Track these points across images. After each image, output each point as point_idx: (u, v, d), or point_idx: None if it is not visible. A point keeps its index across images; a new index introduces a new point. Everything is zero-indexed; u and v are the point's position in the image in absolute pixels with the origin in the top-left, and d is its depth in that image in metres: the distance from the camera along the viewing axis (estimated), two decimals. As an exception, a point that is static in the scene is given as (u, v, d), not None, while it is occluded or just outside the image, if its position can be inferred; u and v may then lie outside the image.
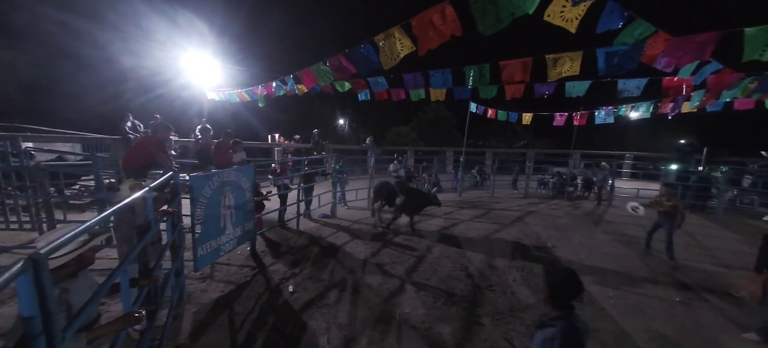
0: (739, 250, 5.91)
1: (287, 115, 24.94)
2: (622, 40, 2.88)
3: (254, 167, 5.01)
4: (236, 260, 4.84)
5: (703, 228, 7.46)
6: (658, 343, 3.24)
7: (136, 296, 2.25)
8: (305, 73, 4.97)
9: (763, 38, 2.61)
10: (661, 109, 6.52)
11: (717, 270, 5.08)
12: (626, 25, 2.78)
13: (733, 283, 4.54)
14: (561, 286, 1.58)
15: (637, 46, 2.98)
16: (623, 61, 3.24)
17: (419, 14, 3.00)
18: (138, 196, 2.17)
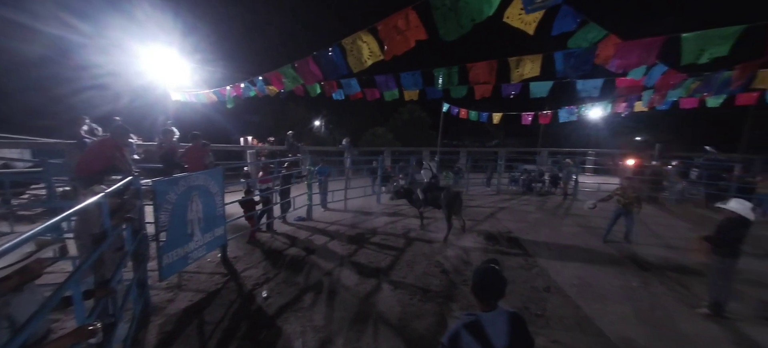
0: (688, 237, 6.43)
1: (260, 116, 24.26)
2: (576, 42, 3.08)
3: (223, 171, 4.84)
4: (206, 268, 4.66)
5: (656, 217, 8.07)
6: (619, 325, 3.47)
7: (92, 309, 2.11)
8: (273, 75, 4.87)
9: (697, 43, 2.90)
10: (616, 108, 7.00)
11: (669, 254, 5.50)
12: (579, 28, 2.98)
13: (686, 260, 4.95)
14: (478, 282, 1.58)
15: (590, 48, 3.20)
16: (579, 62, 3.47)
17: (384, 19, 3.04)
18: (91, 203, 2.03)
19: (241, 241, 5.68)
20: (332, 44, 3.62)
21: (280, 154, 11.17)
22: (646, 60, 3.17)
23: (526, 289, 4.24)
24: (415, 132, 28.22)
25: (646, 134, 15.27)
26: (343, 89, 6.33)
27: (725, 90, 5.00)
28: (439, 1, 2.62)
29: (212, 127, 17.88)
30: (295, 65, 4.33)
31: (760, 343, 3.19)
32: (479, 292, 1.57)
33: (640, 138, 12.81)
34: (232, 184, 9.94)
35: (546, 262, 5.07)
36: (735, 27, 2.78)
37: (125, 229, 2.96)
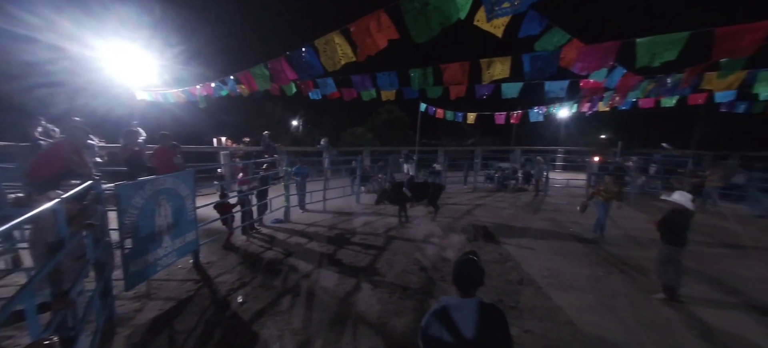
0: (648, 228, 6.91)
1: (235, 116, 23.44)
2: (542, 46, 3.25)
3: (195, 173, 4.66)
4: (177, 275, 4.47)
5: (618, 210, 8.58)
6: (586, 313, 3.67)
7: (49, 322, 1.98)
8: (245, 75, 4.74)
9: (650, 48, 3.14)
10: (581, 108, 7.41)
11: (630, 245, 5.88)
12: (545, 32, 3.14)
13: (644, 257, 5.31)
14: (457, 271, 1.67)
15: (555, 52, 3.38)
16: (545, 65, 3.65)
17: (357, 21, 3.06)
18: (45, 210, 1.90)
19: (215, 245, 5.49)
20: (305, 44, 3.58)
21: (255, 155, 10.88)
22: (606, 63, 3.40)
23: (500, 282, 4.40)
24: (394, 132, 28.38)
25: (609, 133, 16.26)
26: (319, 89, 6.26)
27: (677, 91, 5.43)
28: (410, 5, 2.67)
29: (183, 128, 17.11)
30: (267, 65, 4.24)
31: (710, 324, 3.48)
32: (458, 281, 1.65)
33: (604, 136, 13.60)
34: (205, 186, 9.62)
35: (519, 256, 5.27)
36: (682, 33, 3.03)
37: (86, 237, 2.78)
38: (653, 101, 6.97)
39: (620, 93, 4.75)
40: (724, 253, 5.59)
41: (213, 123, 20.63)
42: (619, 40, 3.21)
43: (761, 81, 4.55)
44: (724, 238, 6.38)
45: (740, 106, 6.94)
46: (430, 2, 2.56)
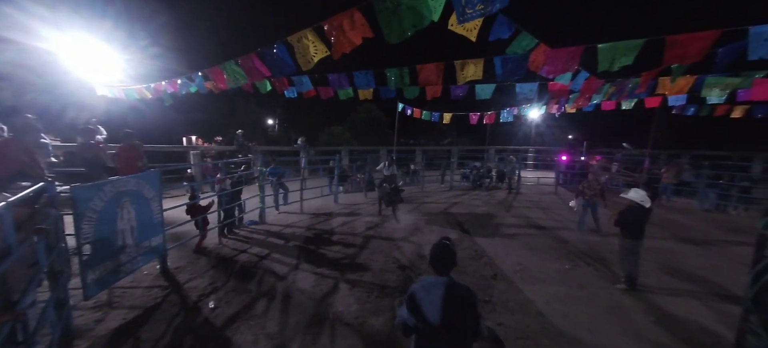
0: (607, 222, 7.35)
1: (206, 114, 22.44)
2: (512, 49, 3.38)
3: (161, 173, 4.43)
4: (143, 281, 4.23)
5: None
6: (555, 304, 3.85)
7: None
8: (215, 71, 4.56)
9: (610, 53, 3.36)
10: (550, 110, 7.77)
11: (594, 239, 6.24)
12: (514, 36, 3.27)
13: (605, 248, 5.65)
14: (433, 255, 1.91)
15: (524, 55, 3.54)
16: (515, 67, 3.81)
17: (330, 18, 3.03)
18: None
19: (184, 250, 5.24)
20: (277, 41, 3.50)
21: (228, 154, 10.51)
22: (571, 66, 3.60)
23: (475, 277, 4.52)
24: (373, 131, 28.37)
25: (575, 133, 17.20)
26: (295, 87, 6.14)
27: (635, 94, 5.84)
28: (383, 4, 2.68)
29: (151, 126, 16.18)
30: (238, 61, 4.10)
31: (666, 311, 3.77)
32: (434, 263, 1.90)
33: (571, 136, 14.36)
34: (174, 187, 9.16)
35: (493, 252, 5.44)
36: (637, 40, 3.27)
37: (37, 243, 2.57)
38: (614, 104, 7.45)
39: (584, 95, 5.05)
40: (677, 245, 6.06)
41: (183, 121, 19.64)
42: (582, 45, 3.41)
43: (708, 86, 4.99)
44: (677, 230, 6.92)
45: (690, 108, 7.55)
46: (403, 2, 2.58)
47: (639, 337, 3.29)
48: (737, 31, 2.95)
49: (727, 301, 3.98)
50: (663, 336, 3.33)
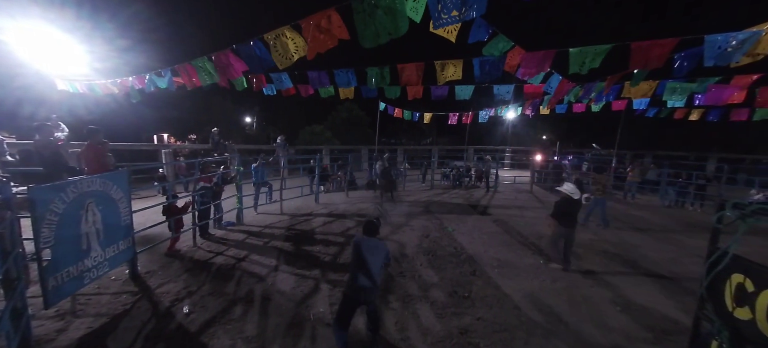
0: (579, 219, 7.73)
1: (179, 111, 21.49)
2: (489, 51, 3.49)
3: (130, 173, 4.21)
4: (110, 287, 4.01)
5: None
6: (529, 298, 4.00)
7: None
8: (186, 67, 4.38)
9: (579, 56, 3.54)
10: (525, 110, 8.06)
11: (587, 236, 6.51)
12: (491, 38, 3.37)
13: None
14: (366, 227, 3.03)
15: (500, 57, 3.65)
16: (492, 69, 3.93)
17: (307, 17, 3.00)
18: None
19: (156, 253, 5.01)
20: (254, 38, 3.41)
21: (203, 153, 10.13)
22: (544, 68, 3.75)
23: (455, 274, 4.61)
24: (354, 130, 28.23)
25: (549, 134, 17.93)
26: (274, 84, 6.00)
27: (603, 97, 6.17)
28: (360, 6, 2.68)
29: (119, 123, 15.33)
30: (212, 57, 3.96)
31: (631, 299, 4.00)
32: (367, 230, 3.01)
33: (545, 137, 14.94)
34: (144, 188, 8.73)
35: (472, 249, 5.57)
36: (605, 46, 3.46)
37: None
38: (584, 106, 7.82)
39: (557, 97, 5.28)
40: (640, 238, 6.46)
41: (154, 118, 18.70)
42: (555, 49, 3.57)
43: (669, 90, 5.35)
44: (641, 225, 7.37)
45: (652, 111, 8.05)
46: (381, 6, 2.59)
47: (606, 326, 3.48)
48: (694, 40, 3.20)
49: (685, 289, 4.29)
50: (628, 323, 3.54)
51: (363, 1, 2.62)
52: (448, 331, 3.33)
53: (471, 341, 3.20)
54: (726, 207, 1.79)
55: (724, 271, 1.78)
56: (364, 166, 14.93)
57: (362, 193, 10.53)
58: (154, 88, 5.43)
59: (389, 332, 3.31)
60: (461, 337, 3.24)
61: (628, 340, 3.27)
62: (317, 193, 9.20)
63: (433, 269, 4.77)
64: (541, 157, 11.80)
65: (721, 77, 5.15)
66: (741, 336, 1.70)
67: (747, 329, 1.67)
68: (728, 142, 19.24)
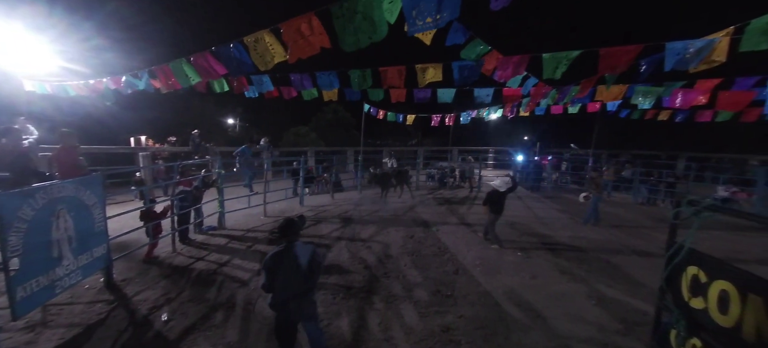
0: (558, 217, 8.00)
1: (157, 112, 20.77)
2: (466, 54, 3.59)
3: (104, 177, 4.08)
4: (83, 296, 3.86)
5: (536, 202, 9.79)
6: (510, 295, 4.12)
7: None
8: (163, 69, 4.28)
9: (552, 62, 3.70)
10: (505, 112, 8.29)
11: (545, 232, 6.73)
12: (468, 42, 3.48)
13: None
14: (282, 228, 2.56)
15: (478, 61, 3.77)
16: (471, 73, 4.05)
17: (287, 21, 3.01)
18: None
19: (132, 260, 4.85)
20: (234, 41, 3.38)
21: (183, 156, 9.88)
22: (519, 71, 3.90)
23: (439, 273, 4.70)
24: (339, 132, 28.14)
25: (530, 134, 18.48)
26: (255, 86, 5.93)
27: (577, 100, 6.43)
28: (339, 11, 2.71)
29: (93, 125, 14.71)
30: (190, 59, 3.89)
31: (605, 294, 4.18)
32: (287, 232, 2.53)
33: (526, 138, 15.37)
34: (120, 193, 8.42)
35: (455, 248, 5.68)
36: (575, 51, 3.63)
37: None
38: (562, 108, 8.12)
39: (534, 100, 5.47)
40: (613, 234, 6.74)
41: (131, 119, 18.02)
42: (529, 54, 3.72)
43: (637, 93, 5.63)
44: (614, 221, 7.70)
45: (624, 112, 8.45)
46: (359, 12, 2.64)
47: (581, 319, 3.63)
48: (657, 46, 3.41)
49: (655, 282, 4.52)
50: (601, 316, 3.70)
51: (342, 6, 2.66)
52: (431, 329, 3.40)
53: (453, 338, 3.27)
54: (682, 204, 1.92)
55: (681, 264, 1.91)
56: (350, 168, 14.93)
57: (348, 194, 10.52)
58: (131, 90, 5.27)
59: (373, 333, 3.34)
60: (443, 335, 3.31)
61: (601, 331, 3.43)
62: (302, 195, 9.13)
63: (417, 269, 4.84)
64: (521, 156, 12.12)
65: (686, 82, 5.48)
66: (696, 323, 1.82)
67: (701, 317, 1.79)
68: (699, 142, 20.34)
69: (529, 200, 10.00)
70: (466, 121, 10.07)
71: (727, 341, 1.64)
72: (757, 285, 1.54)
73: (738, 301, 1.60)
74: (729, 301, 1.64)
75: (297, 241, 2.51)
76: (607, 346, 3.20)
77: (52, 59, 6.55)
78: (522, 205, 9.24)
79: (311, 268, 2.48)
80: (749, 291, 1.56)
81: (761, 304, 1.50)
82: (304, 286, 2.46)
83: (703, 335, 1.77)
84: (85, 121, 14.29)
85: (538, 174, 12.03)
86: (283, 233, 2.53)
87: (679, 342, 1.90)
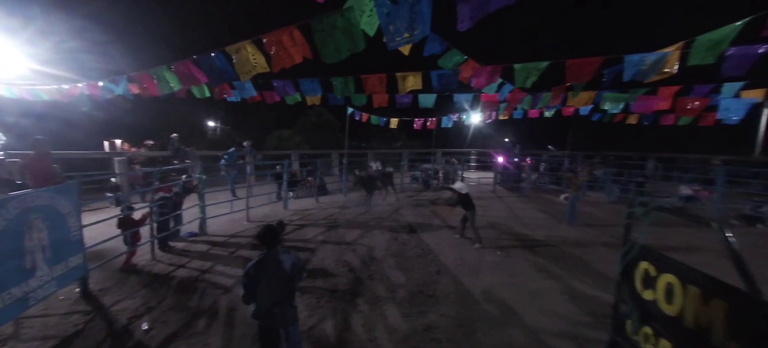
0: (536, 216, 8.32)
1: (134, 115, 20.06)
2: (443, 64, 3.76)
3: (79, 185, 3.98)
4: (58, 308, 3.76)
5: (516, 202, 10.13)
6: (489, 293, 4.29)
7: None
8: (143, 76, 4.23)
9: (523, 72, 3.92)
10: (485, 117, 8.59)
11: (524, 231, 7.00)
12: (445, 52, 3.64)
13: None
14: (261, 235, 2.60)
15: (455, 69, 3.95)
16: (449, 80, 4.23)
17: (269, 33, 3.07)
18: None
19: (110, 269, 4.74)
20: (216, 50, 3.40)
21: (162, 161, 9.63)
22: (493, 80, 4.11)
23: (421, 274, 4.83)
24: (324, 135, 27.99)
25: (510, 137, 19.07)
26: (237, 91, 5.91)
27: (552, 106, 6.76)
28: (319, 26, 2.81)
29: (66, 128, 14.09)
30: (172, 67, 3.87)
31: (577, 290, 4.41)
32: (262, 240, 2.58)
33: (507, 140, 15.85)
34: (95, 200, 8.13)
35: (438, 249, 5.84)
36: (543, 63, 3.87)
37: None
38: (538, 112, 8.48)
39: (511, 105, 5.72)
40: (586, 233, 7.08)
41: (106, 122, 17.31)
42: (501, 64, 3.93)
43: (605, 99, 5.99)
44: (587, 220, 8.07)
45: (596, 116, 8.91)
46: (338, 26, 2.74)
47: (555, 314, 3.84)
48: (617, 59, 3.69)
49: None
50: (574, 311, 3.92)
51: (322, 21, 2.75)
52: (414, 329, 3.51)
53: (434, 337, 3.40)
54: (634, 205, 2.12)
55: (634, 260, 2.11)
56: (335, 171, 14.92)
57: (333, 198, 10.54)
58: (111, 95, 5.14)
59: (357, 334, 3.42)
60: (425, 334, 3.44)
61: (572, 325, 3.64)
62: (286, 199, 9.09)
63: (401, 270, 4.96)
64: (502, 158, 12.49)
65: (649, 89, 5.87)
66: (647, 313, 2.02)
67: (651, 307, 1.99)
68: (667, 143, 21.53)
69: (509, 200, 10.32)
70: (448, 124, 10.33)
71: (672, 328, 1.84)
72: (696, 277, 1.74)
73: (681, 292, 1.79)
74: (674, 292, 1.83)
75: (278, 248, 2.57)
76: (578, 338, 3.41)
77: (22, 61, 6.27)
78: (502, 206, 9.53)
79: (294, 272, 2.55)
80: (689, 283, 1.76)
81: (699, 294, 1.69)
82: (287, 291, 2.53)
83: (653, 324, 1.97)
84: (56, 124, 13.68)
85: (518, 175, 12.44)
86: (263, 241, 2.56)
87: (633, 331, 2.09)
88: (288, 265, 2.51)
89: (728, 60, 3.25)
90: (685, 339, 1.74)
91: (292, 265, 2.55)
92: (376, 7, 2.60)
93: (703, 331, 1.64)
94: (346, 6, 2.73)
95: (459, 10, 2.44)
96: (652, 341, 1.95)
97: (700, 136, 20.00)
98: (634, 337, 2.08)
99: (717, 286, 1.61)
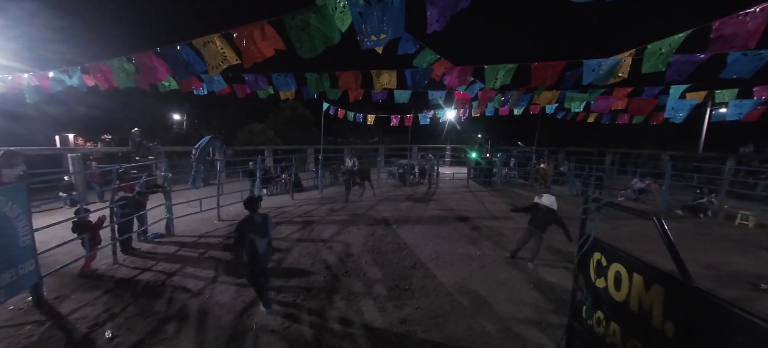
0: (506, 210, 8.71)
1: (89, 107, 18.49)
2: (418, 63, 3.84)
3: (27, 186, 3.67)
4: (9, 319, 3.48)
5: (488, 196, 10.55)
6: (461, 285, 4.48)
7: None
8: (100, 67, 3.95)
9: (492, 73, 4.10)
10: (458, 114, 8.83)
11: (494, 224, 7.32)
12: (419, 52, 3.72)
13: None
14: (247, 201, 3.65)
15: (428, 68, 4.04)
16: (422, 78, 4.32)
17: (240, 27, 2.98)
18: None
19: (67, 275, 4.42)
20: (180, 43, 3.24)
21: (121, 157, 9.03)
22: (465, 80, 4.25)
23: (397, 268, 4.93)
24: (299, 129, 27.32)
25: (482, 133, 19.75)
26: (205, 83, 5.65)
27: (519, 104, 7.09)
28: (293, 22, 2.77)
29: (9, 122, 12.77)
30: (132, 59, 3.64)
31: (542, 279, 4.72)
32: (251, 206, 3.61)
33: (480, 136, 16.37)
34: (47, 201, 7.50)
35: (413, 243, 5.97)
36: (511, 64, 4.06)
37: None
38: (508, 110, 8.84)
39: (483, 103, 5.94)
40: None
41: (57, 115, 15.84)
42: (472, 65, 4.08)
43: (568, 99, 6.37)
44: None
45: (560, 114, 9.44)
46: (312, 23, 2.72)
47: (521, 302, 4.09)
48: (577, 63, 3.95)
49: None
50: (538, 299, 4.20)
51: (295, 17, 2.70)
52: (390, 322, 3.60)
53: (410, 329, 3.51)
54: (588, 201, 2.31)
55: (589, 251, 2.31)
56: (310, 167, 14.71)
57: (309, 194, 10.42)
58: (62, 87, 4.73)
59: (333, 331, 3.46)
60: (401, 327, 3.54)
61: (537, 311, 3.90)
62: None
63: (377, 266, 5.03)
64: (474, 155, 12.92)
65: (604, 90, 6.32)
66: (600, 300, 2.22)
67: (603, 294, 2.19)
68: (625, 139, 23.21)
69: (480, 194, 10.73)
70: (424, 121, 10.52)
71: (620, 312, 2.04)
72: (640, 266, 1.94)
73: (627, 279, 1.99)
74: (622, 280, 2.03)
75: (257, 212, 3.62)
76: (541, 323, 3.66)
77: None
78: (474, 200, 9.89)
79: (268, 223, 3.69)
80: (634, 271, 1.95)
81: (642, 282, 1.89)
82: (268, 236, 3.64)
83: (604, 309, 2.17)
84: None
85: (489, 171, 12.93)
86: (248, 206, 3.61)
87: (587, 315, 2.29)
88: (265, 219, 3.65)
89: (673, 66, 3.59)
90: (631, 321, 1.95)
91: (267, 219, 3.67)
92: (349, 7, 2.60)
93: (646, 314, 1.84)
94: (318, 2, 2.71)
95: (428, 14, 2.51)
96: (604, 325, 2.15)
97: (652, 133, 21.76)
98: (589, 321, 2.28)
99: (656, 274, 1.81)
